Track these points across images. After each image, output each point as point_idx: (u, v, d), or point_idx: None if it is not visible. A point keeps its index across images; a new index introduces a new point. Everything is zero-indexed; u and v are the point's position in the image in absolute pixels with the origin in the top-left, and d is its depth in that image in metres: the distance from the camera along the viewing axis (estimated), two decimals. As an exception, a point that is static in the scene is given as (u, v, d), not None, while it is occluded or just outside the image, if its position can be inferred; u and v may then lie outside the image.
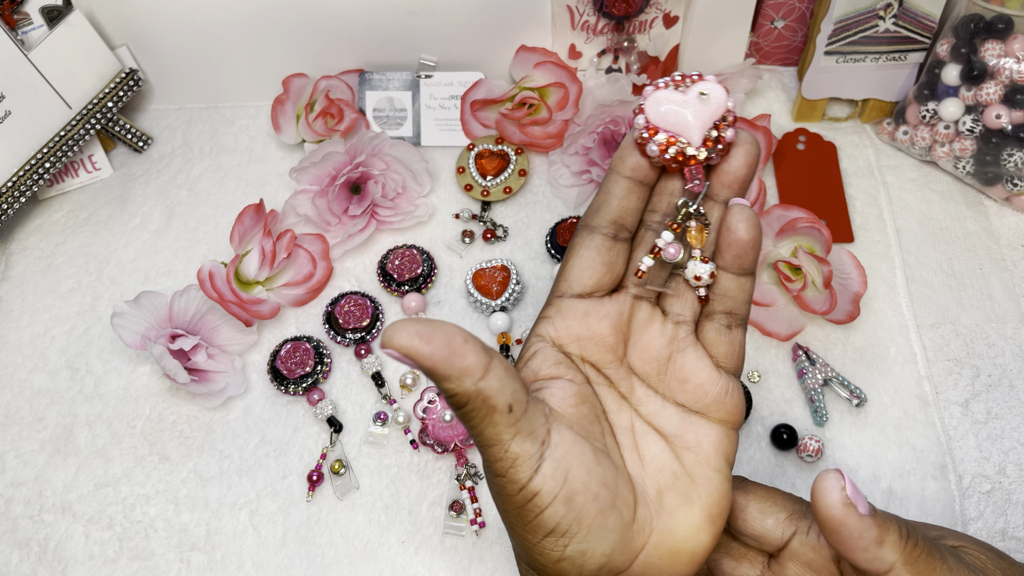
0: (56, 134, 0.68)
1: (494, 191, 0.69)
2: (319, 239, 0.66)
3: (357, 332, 0.62)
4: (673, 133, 0.35)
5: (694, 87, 0.36)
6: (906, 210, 0.67)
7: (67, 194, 0.73)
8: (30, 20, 0.66)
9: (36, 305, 0.66)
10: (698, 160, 0.35)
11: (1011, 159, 0.63)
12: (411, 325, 0.30)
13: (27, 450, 0.59)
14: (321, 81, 0.71)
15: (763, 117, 0.67)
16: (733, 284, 0.36)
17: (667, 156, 0.35)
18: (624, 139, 0.36)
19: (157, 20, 0.70)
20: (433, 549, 0.54)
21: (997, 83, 0.61)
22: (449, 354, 0.30)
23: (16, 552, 0.56)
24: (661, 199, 0.37)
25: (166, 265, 0.68)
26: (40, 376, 0.63)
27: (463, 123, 0.72)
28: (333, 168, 0.65)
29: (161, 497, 0.57)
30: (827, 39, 0.66)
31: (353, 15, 0.69)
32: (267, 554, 0.55)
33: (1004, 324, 0.61)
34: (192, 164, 0.73)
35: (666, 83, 0.36)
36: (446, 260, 0.67)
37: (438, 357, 0.30)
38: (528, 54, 0.70)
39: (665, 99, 0.35)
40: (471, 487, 0.56)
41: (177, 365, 0.57)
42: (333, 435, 0.59)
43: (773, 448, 0.56)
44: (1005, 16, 0.60)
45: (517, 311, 0.64)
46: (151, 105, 0.78)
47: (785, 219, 0.60)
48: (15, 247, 0.70)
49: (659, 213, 0.37)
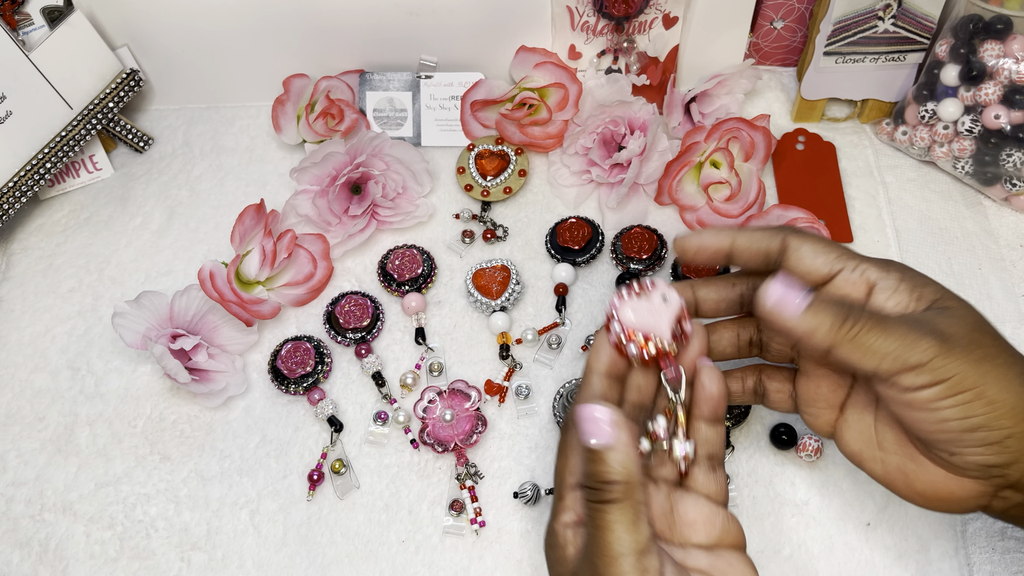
0: (57, 134, 0.69)
1: (494, 191, 0.69)
2: (319, 239, 0.66)
3: (357, 332, 0.62)
4: (647, 334, 0.42)
5: (654, 293, 0.43)
6: (905, 210, 0.68)
7: (68, 194, 0.73)
8: (31, 20, 0.66)
9: (37, 305, 0.66)
10: (673, 354, 0.43)
11: (1010, 159, 0.63)
12: None
13: (28, 450, 0.60)
14: (322, 81, 0.71)
15: (762, 117, 0.67)
16: (711, 432, 0.44)
17: (646, 355, 0.42)
18: (596, 342, 0.44)
19: (158, 21, 0.70)
20: (433, 548, 0.55)
21: (996, 83, 0.62)
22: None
23: (17, 551, 0.56)
24: (631, 391, 0.45)
25: (167, 265, 0.68)
26: (41, 376, 0.63)
27: (463, 123, 0.72)
28: (333, 168, 0.65)
29: (162, 496, 0.57)
30: (826, 39, 0.66)
31: (353, 15, 0.69)
32: (268, 553, 0.55)
33: (1003, 324, 0.62)
34: (193, 164, 0.74)
35: (630, 293, 0.43)
36: (446, 260, 0.67)
37: None
38: (528, 54, 0.70)
39: (634, 307, 0.43)
40: (471, 486, 0.56)
41: (178, 365, 0.57)
42: (333, 434, 0.59)
43: (772, 448, 0.56)
44: (1004, 16, 0.61)
45: (517, 311, 0.64)
46: (152, 105, 0.78)
47: (784, 219, 0.61)
48: (16, 247, 0.70)
49: (629, 404, 0.45)
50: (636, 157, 0.64)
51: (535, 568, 0.54)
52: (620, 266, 0.65)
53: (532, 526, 0.55)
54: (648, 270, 0.64)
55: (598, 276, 0.65)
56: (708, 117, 0.70)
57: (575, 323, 0.63)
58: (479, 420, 0.57)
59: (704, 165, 0.66)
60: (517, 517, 0.55)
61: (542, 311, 0.64)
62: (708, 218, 0.66)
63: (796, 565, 0.53)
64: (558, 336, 0.62)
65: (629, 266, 0.64)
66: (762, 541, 0.53)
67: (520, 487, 0.55)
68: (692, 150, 0.65)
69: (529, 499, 0.55)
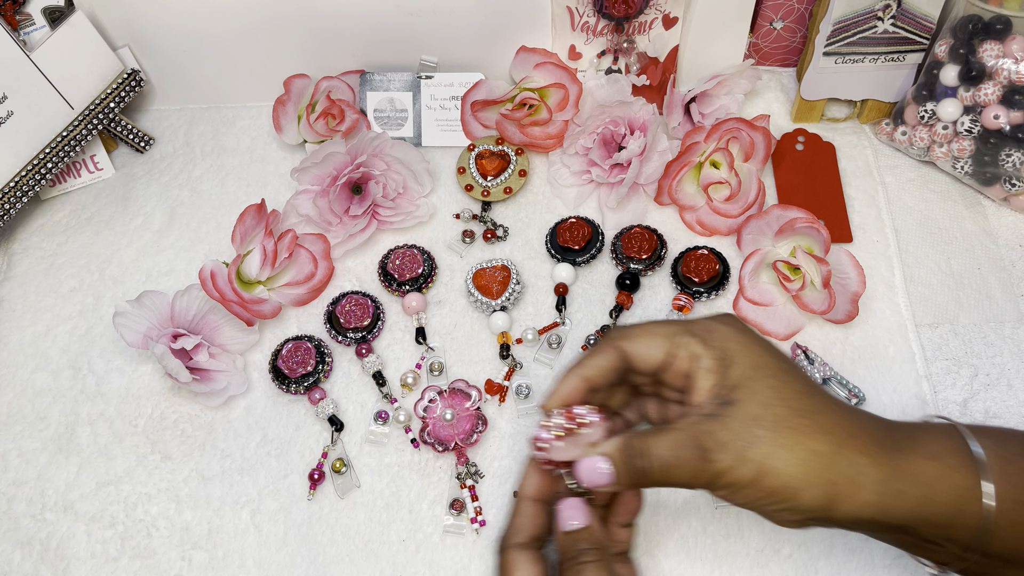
0: (58, 134, 0.69)
1: (494, 191, 0.69)
2: (320, 239, 0.66)
3: (358, 331, 0.62)
4: (574, 460, 0.44)
5: (578, 420, 0.45)
6: (904, 210, 0.68)
7: (69, 194, 0.73)
8: (32, 21, 0.66)
9: (38, 305, 0.66)
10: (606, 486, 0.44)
11: (1009, 159, 0.63)
12: None
13: (29, 449, 0.60)
14: (322, 82, 0.71)
15: (762, 118, 0.67)
16: (624, 532, 0.48)
17: (581, 487, 0.44)
18: (527, 472, 0.47)
19: (159, 21, 0.70)
20: (434, 547, 0.55)
21: (995, 84, 0.62)
22: None
23: (18, 551, 0.56)
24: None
25: (168, 265, 0.68)
26: (42, 375, 0.63)
27: (463, 124, 0.72)
28: (334, 168, 0.65)
29: (163, 496, 0.57)
30: (826, 40, 0.66)
31: (354, 16, 0.69)
32: (268, 552, 0.55)
33: (1002, 324, 0.62)
34: (194, 164, 0.74)
35: (552, 425, 0.45)
36: (446, 260, 0.67)
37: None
38: (528, 55, 0.70)
39: (557, 441, 0.45)
40: (471, 486, 0.56)
41: (179, 364, 0.57)
42: (334, 434, 0.59)
43: (772, 447, 0.57)
44: (1003, 17, 0.61)
45: (517, 311, 0.64)
46: (153, 105, 0.78)
47: (784, 219, 0.61)
48: (17, 247, 0.70)
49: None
50: (636, 157, 0.64)
51: (535, 567, 0.54)
52: (620, 266, 0.65)
53: (532, 525, 0.55)
54: (648, 270, 0.64)
55: (598, 276, 0.65)
56: (708, 117, 0.70)
57: (575, 323, 0.63)
58: (479, 419, 0.58)
59: (704, 165, 0.66)
60: (517, 516, 0.55)
61: (542, 311, 0.64)
62: (708, 218, 0.66)
63: (796, 565, 0.53)
64: (558, 336, 0.62)
65: (629, 266, 0.64)
66: (762, 541, 0.54)
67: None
68: (692, 150, 0.66)
69: (529, 498, 0.55)
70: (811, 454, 0.40)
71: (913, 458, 0.41)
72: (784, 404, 0.42)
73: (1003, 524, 0.40)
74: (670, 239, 0.66)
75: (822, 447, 0.40)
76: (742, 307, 0.62)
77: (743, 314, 0.62)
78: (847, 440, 0.41)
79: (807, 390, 0.43)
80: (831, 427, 0.41)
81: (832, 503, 0.40)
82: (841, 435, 0.41)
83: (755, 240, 0.63)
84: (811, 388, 0.43)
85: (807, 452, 0.40)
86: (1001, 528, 0.40)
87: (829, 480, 0.40)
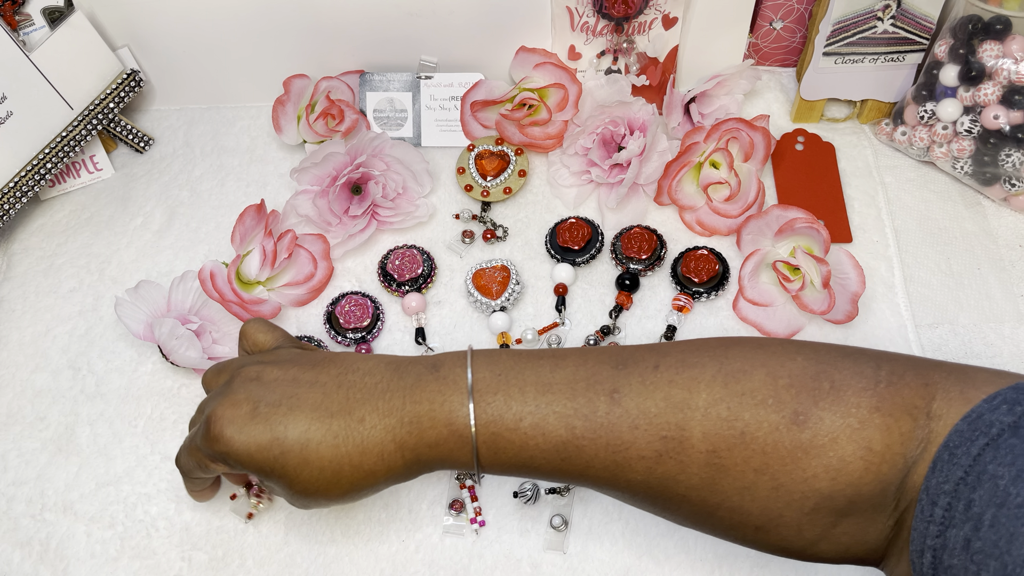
0: (58, 135, 0.69)
1: (494, 191, 0.69)
2: (320, 239, 0.66)
3: (358, 332, 0.62)
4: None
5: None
6: (904, 210, 0.68)
7: (69, 194, 0.73)
8: (32, 21, 0.66)
9: (38, 305, 0.66)
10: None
11: (1009, 159, 0.63)
12: None
13: (29, 449, 0.60)
14: (322, 82, 0.71)
15: (762, 118, 0.67)
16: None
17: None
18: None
19: (158, 21, 0.70)
20: (433, 547, 0.55)
21: (995, 84, 0.62)
22: None
23: (18, 551, 0.56)
24: None
25: (167, 265, 0.68)
26: (42, 375, 0.63)
27: (463, 124, 0.72)
28: (334, 169, 0.65)
29: (163, 496, 0.57)
30: (826, 40, 0.66)
31: (354, 16, 0.69)
32: (268, 552, 0.55)
33: (1002, 324, 0.62)
34: (193, 164, 0.74)
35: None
36: (446, 260, 0.67)
37: None
38: (528, 55, 0.70)
39: None
40: (471, 486, 0.56)
41: (189, 335, 0.57)
42: (334, 434, 0.59)
43: (772, 447, 0.57)
44: (1003, 17, 0.61)
45: (517, 311, 0.64)
46: (152, 106, 0.78)
47: (783, 219, 0.61)
48: (17, 247, 0.70)
49: None
50: (636, 157, 0.64)
51: (535, 568, 0.54)
52: (620, 266, 0.65)
53: (532, 525, 0.55)
54: (648, 270, 0.64)
55: (598, 276, 0.65)
56: (707, 117, 0.70)
57: (575, 323, 0.63)
58: (479, 420, 0.58)
59: (704, 165, 0.66)
60: (517, 517, 0.55)
61: (542, 311, 0.64)
62: (707, 218, 0.66)
63: (796, 565, 0.53)
64: (558, 336, 0.62)
65: (629, 266, 0.64)
66: (761, 540, 0.54)
67: (520, 487, 0.55)
68: (691, 150, 0.66)
69: (529, 499, 0.55)
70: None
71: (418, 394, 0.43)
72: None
73: (480, 445, 0.43)
74: (670, 239, 0.66)
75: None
76: (742, 307, 0.62)
77: (743, 314, 0.62)
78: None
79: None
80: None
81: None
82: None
83: (755, 240, 0.63)
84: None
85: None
86: (480, 447, 0.43)
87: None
